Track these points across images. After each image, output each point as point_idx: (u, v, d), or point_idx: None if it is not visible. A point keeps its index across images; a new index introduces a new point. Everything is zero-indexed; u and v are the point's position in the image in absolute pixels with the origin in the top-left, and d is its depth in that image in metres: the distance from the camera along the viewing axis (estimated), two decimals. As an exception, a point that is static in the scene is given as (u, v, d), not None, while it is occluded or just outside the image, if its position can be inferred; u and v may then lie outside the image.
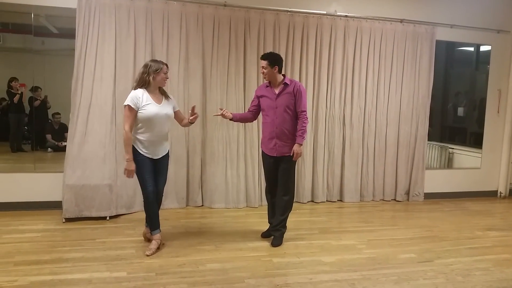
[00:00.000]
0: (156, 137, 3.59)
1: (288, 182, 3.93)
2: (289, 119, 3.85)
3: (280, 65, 3.86)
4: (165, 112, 3.60)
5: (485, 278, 3.39)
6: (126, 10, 4.70)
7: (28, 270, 3.20)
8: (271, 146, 3.90)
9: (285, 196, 3.93)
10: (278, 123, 3.85)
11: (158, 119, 3.54)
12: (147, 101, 3.51)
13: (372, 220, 4.94)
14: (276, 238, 3.97)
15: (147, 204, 3.65)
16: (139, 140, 3.56)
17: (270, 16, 5.18)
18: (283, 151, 3.87)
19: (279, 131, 3.85)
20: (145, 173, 3.57)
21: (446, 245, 4.15)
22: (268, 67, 3.81)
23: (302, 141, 3.82)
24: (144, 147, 3.56)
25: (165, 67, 3.62)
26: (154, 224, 3.70)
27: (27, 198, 4.72)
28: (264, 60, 3.84)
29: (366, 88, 5.65)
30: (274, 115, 3.86)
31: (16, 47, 5.57)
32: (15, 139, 5.74)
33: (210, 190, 5.16)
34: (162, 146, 3.67)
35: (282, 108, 3.83)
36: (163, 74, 3.58)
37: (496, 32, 6.12)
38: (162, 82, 3.62)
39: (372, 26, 5.59)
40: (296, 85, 3.85)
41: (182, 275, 3.21)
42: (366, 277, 3.31)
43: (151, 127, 3.54)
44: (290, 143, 3.85)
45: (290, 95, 3.83)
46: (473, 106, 6.87)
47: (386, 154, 5.82)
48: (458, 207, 5.78)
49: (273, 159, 3.93)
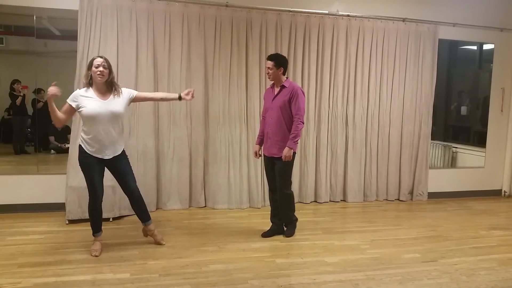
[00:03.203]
0: (102, 136, 3.40)
1: (283, 180, 4.03)
2: (281, 121, 3.93)
3: (285, 67, 3.98)
4: (110, 109, 3.40)
5: (489, 277, 3.37)
6: (128, 11, 4.70)
7: (31, 272, 3.21)
8: (265, 145, 4.08)
9: (282, 193, 4.05)
10: (271, 123, 3.98)
11: (102, 116, 3.37)
12: (88, 98, 3.37)
13: (376, 220, 4.93)
14: (289, 229, 4.17)
15: (94, 209, 3.53)
16: (84, 139, 3.41)
17: (272, 16, 5.18)
18: (272, 151, 4.00)
19: (271, 132, 3.98)
20: (94, 174, 3.43)
21: (450, 244, 4.13)
22: (273, 68, 3.91)
23: (293, 146, 3.88)
24: (90, 145, 3.40)
25: (98, 59, 3.39)
26: (98, 227, 3.63)
27: (30, 200, 4.73)
28: (270, 60, 3.93)
29: (369, 88, 5.63)
30: (270, 115, 4.01)
31: (19, 49, 5.57)
32: (18, 141, 5.75)
33: (213, 191, 5.16)
34: (112, 146, 3.48)
35: (276, 110, 3.94)
36: (95, 68, 3.36)
37: (499, 30, 6.10)
38: (96, 76, 3.37)
39: (374, 25, 5.57)
40: (294, 88, 3.92)
41: (185, 276, 3.21)
42: (370, 277, 3.29)
43: (95, 124, 3.37)
44: (280, 145, 3.93)
45: (286, 98, 3.91)
46: (476, 104, 6.84)
47: (389, 153, 5.80)
48: (462, 206, 5.76)
49: (267, 158, 4.09)
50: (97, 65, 3.38)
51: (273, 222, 4.23)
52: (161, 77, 4.89)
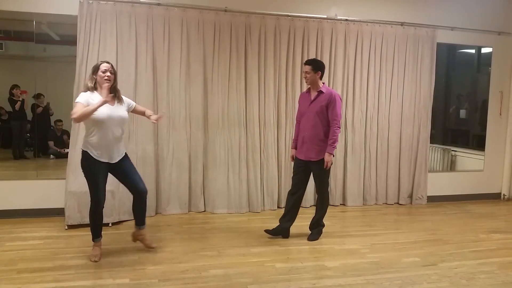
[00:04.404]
0: (109, 140, 3.40)
1: (321, 186, 4.16)
2: (319, 126, 4.00)
3: (323, 72, 4.07)
4: (119, 115, 3.44)
5: (489, 281, 3.37)
6: (127, 16, 4.72)
7: (31, 277, 3.20)
8: (301, 149, 4.12)
9: (322, 194, 4.19)
10: (308, 128, 4.04)
11: (112, 121, 3.38)
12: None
13: (375, 224, 4.93)
14: (313, 234, 4.26)
15: (96, 214, 3.50)
16: (91, 144, 3.37)
17: (270, 20, 5.19)
18: (310, 155, 4.06)
19: (308, 136, 4.04)
20: (99, 179, 3.42)
21: (450, 248, 4.13)
22: (311, 72, 4.00)
23: (332, 151, 3.99)
24: (96, 151, 3.37)
25: (104, 64, 3.41)
26: (98, 232, 3.60)
27: (30, 205, 4.72)
28: (308, 65, 4.04)
29: (368, 92, 5.64)
30: (306, 120, 4.07)
31: (18, 55, 5.59)
32: (17, 146, 5.76)
33: (212, 195, 5.15)
34: (117, 150, 3.50)
35: (313, 114, 4.01)
36: (101, 73, 3.37)
37: (497, 34, 6.12)
38: (102, 81, 3.38)
39: (372, 29, 5.59)
40: (332, 94, 4.00)
41: (185, 281, 3.20)
42: (370, 282, 3.29)
43: (104, 129, 3.36)
44: (317, 149, 4.01)
45: (324, 103, 3.98)
46: (475, 108, 6.86)
47: (389, 157, 5.81)
48: (462, 210, 5.76)
49: (302, 162, 4.12)
50: (104, 70, 3.40)
51: (280, 222, 4.26)
52: (161, 82, 4.90)
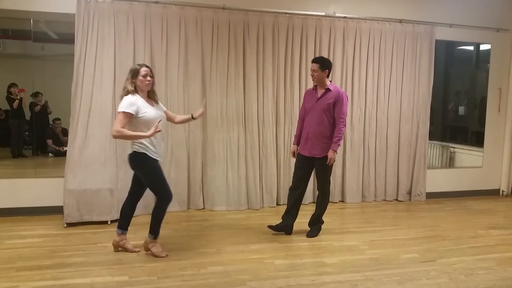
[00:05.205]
0: (159, 139, 3.56)
1: (324, 183, 4.18)
2: (325, 123, 4.03)
3: (329, 70, 4.11)
4: (161, 114, 3.60)
5: (488, 277, 3.38)
6: (125, 15, 4.71)
7: (30, 275, 3.20)
8: (305, 146, 4.14)
9: (324, 189, 4.21)
10: (313, 125, 4.06)
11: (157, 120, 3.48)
12: (144, 104, 3.44)
13: (374, 220, 4.93)
14: (312, 230, 4.28)
15: (165, 209, 3.57)
16: (146, 145, 3.43)
17: (269, 18, 5.19)
18: (314, 152, 4.08)
19: (313, 133, 4.06)
20: (162, 172, 3.54)
21: (448, 244, 4.13)
22: (318, 70, 4.03)
23: (336, 148, 4.03)
24: (156, 148, 3.48)
25: (144, 69, 3.46)
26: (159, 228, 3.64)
27: (28, 203, 4.72)
28: (315, 63, 4.06)
29: (366, 89, 5.64)
30: (311, 117, 4.08)
31: (16, 53, 5.58)
32: (16, 144, 5.75)
33: (211, 193, 5.16)
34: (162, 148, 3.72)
35: (319, 112, 4.03)
36: (142, 77, 3.44)
37: (496, 30, 6.12)
38: (144, 86, 3.46)
39: (371, 26, 5.59)
40: (339, 92, 4.03)
41: (184, 279, 3.20)
42: (368, 278, 3.30)
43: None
44: (322, 146, 4.03)
45: (331, 101, 3.99)
46: (473, 105, 6.87)
47: (387, 154, 5.81)
48: (460, 206, 5.77)
49: (305, 158, 4.13)
50: (144, 74, 3.45)
51: (283, 219, 4.28)
52: (159, 80, 4.88)
